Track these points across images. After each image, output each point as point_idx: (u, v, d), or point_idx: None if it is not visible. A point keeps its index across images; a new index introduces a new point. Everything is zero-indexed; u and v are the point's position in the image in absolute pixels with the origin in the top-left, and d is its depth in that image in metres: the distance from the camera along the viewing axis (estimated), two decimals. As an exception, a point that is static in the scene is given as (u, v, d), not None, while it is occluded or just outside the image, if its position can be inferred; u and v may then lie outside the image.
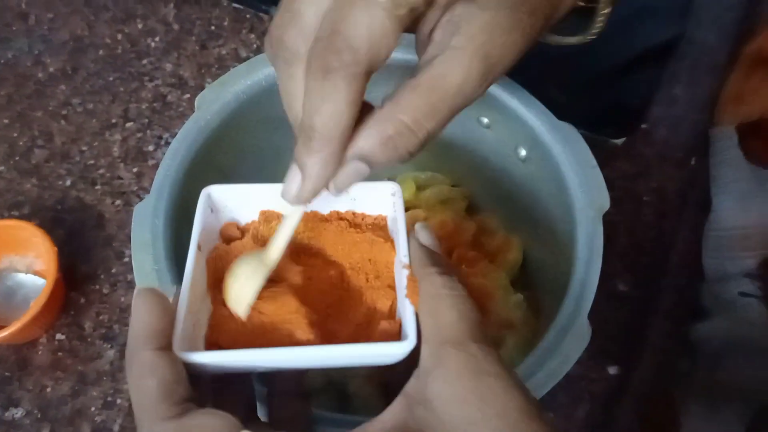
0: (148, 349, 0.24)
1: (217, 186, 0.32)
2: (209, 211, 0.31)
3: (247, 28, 0.66)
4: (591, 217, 0.37)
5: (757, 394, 0.46)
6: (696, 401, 0.48)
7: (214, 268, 0.30)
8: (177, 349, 0.25)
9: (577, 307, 0.35)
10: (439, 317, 0.26)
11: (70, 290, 0.53)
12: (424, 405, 0.24)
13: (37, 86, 0.63)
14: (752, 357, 0.46)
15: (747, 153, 0.50)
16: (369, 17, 0.24)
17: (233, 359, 0.26)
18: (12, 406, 0.48)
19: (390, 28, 0.24)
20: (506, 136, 0.43)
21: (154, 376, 0.24)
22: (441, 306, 0.26)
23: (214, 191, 0.31)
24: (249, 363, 0.27)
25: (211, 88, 0.42)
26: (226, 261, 0.31)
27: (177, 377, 0.24)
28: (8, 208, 0.56)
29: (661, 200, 0.56)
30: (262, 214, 0.33)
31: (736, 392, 0.47)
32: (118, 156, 0.59)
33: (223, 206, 0.32)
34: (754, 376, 0.45)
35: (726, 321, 0.48)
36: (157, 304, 0.25)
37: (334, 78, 0.24)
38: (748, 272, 0.47)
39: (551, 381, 0.33)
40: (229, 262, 0.30)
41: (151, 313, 0.25)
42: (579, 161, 0.39)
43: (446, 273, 0.27)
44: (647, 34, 0.57)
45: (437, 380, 0.24)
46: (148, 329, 0.25)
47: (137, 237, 0.37)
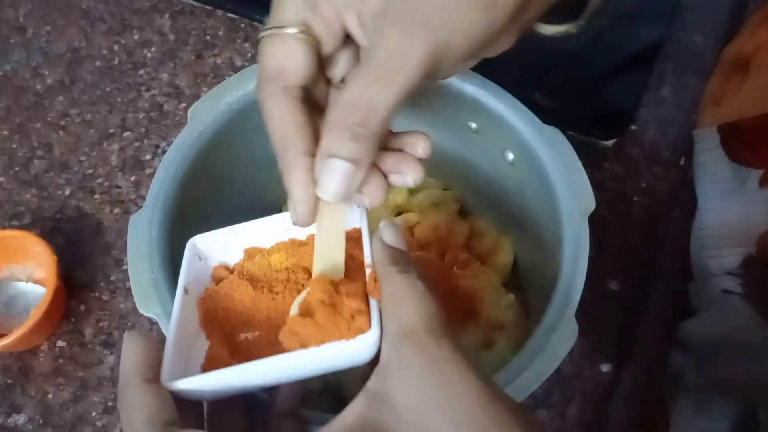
0: (136, 382, 0.26)
1: (201, 235, 0.34)
2: (197, 259, 0.33)
3: (242, 37, 0.67)
4: (577, 219, 0.38)
5: (742, 391, 0.46)
6: (685, 398, 0.49)
7: (206, 307, 0.32)
8: (165, 380, 0.27)
9: (564, 306, 0.36)
10: (398, 313, 0.26)
11: (70, 298, 0.53)
12: (384, 400, 0.25)
13: (36, 98, 0.64)
14: (737, 355, 0.46)
15: (728, 153, 0.51)
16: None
17: (214, 380, 0.28)
18: (15, 412, 0.49)
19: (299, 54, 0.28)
20: (494, 141, 0.44)
21: (141, 405, 0.25)
22: (399, 303, 0.26)
23: (199, 241, 0.33)
24: (225, 382, 0.28)
25: (204, 100, 0.43)
26: (216, 299, 0.33)
27: (161, 406, 0.26)
28: (8, 219, 0.57)
29: (651, 200, 0.57)
30: (246, 252, 0.34)
31: (722, 389, 0.47)
32: (116, 165, 0.60)
33: (211, 253, 0.34)
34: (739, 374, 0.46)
35: (711, 319, 0.48)
36: (143, 342, 0.28)
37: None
38: (730, 270, 0.47)
39: (540, 378, 0.34)
40: (219, 300, 0.33)
41: (137, 350, 0.27)
42: (564, 164, 0.40)
43: (405, 271, 0.27)
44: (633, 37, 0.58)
45: (395, 375, 0.25)
46: (135, 364, 0.27)
47: (133, 247, 0.38)
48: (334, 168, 0.27)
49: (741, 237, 0.48)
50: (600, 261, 0.54)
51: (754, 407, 0.46)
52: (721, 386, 0.46)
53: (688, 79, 0.63)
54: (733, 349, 0.46)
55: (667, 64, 0.64)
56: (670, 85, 0.63)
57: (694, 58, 0.64)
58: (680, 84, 0.63)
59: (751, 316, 0.45)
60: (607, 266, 0.54)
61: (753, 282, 0.46)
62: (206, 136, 0.42)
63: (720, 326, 0.47)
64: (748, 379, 0.44)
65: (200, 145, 0.41)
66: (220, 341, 0.31)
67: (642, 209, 0.57)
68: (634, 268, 0.54)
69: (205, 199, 0.43)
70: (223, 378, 0.28)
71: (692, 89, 0.62)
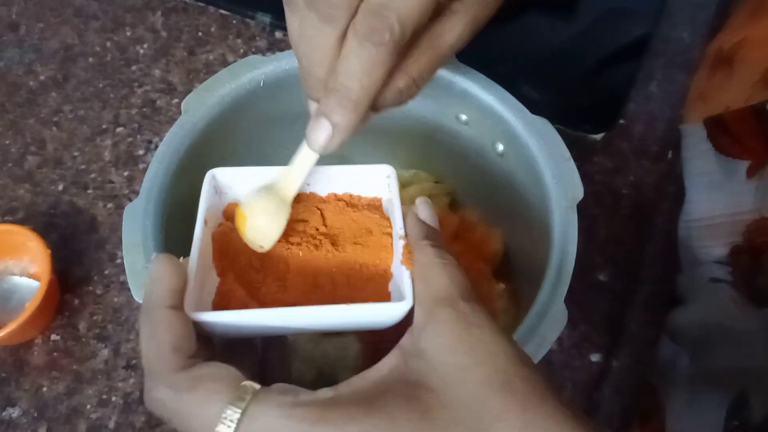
0: (164, 308, 0.26)
1: (221, 169, 0.34)
2: (214, 192, 0.33)
3: (234, 33, 0.67)
4: (565, 207, 0.39)
5: (735, 379, 0.47)
6: (678, 389, 0.50)
7: (219, 243, 0.32)
8: (188, 310, 0.27)
9: (553, 293, 0.36)
10: (431, 282, 0.28)
11: (65, 292, 0.54)
12: (418, 356, 0.25)
13: (29, 94, 0.64)
14: (728, 344, 0.47)
15: (715, 146, 0.52)
16: None
17: (236, 318, 0.28)
18: (9, 405, 0.50)
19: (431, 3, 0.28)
20: (484, 132, 0.45)
21: (169, 331, 0.26)
22: (433, 272, 0.28)
23: (218, 173, 0.33)
24: (252, 322, 0.28)
25: (197, 93, 0.43)
26: (230, 237, 0.32)
27: (188, 334, 0.26)
28: (2, 214, 0.58)
29: (638, 193, 0.58)
30: None
31: (715, 379, 0.48)
32: (110, 160, 0.60)
33: (228, 188, 0.34)
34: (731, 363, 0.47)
35: (701, 307, 0.49)
36: (173, 267, 0.27)
37: (382, 51, 0.27)
38: (718, 259, 0.48)
39: (529, 364, 0.34)
40: (233, 238, 0.32)
41: (167, 275, 0.27)
42: (553, 154, 0.41)
43: (438, 246, 0.29)
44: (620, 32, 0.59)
45: (429, 333, 0.26)
46: (164, 289, 0.27)
47: (128, 237, 0.38)
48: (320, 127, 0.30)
49: (729, 227, 0.49)
50: (589, 253, 0.55)
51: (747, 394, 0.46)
52: (713, 374, 0.47)
53: (675, 74, 0.64)
54: (723, 336, 0.46)
55: (656, 60, 0.65)
56: (657, 81, 0.64)
57: (682, 55, 0.65)
58: (668, 80, 0.64)
59: (740, 304, 0.46)
60: (596, 258, 0.55)
61: (741, 270, 0.47)
62: (199, 128, 0.42)
63: (710, 314, 0.48)
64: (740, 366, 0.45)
65: (193, 136, 0.42)
66: (233, 278, 0.31)
67: (630, 202, 0.58)
68: (623, 260, 0.55)
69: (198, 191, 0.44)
70: (251, 318, 0.28)
71: (680, 85, 0.63)
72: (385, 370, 0.26)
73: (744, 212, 0.48)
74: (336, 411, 0.24)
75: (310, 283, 0.32)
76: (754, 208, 0.47)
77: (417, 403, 0.24)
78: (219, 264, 0.32)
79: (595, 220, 0.57)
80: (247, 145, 0.48)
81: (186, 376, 0.25)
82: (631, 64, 0.62)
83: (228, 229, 0.33)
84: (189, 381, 0.25)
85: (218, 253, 0.32)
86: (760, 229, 0.46)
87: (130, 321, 0.53)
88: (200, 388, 0.24)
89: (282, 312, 0.28)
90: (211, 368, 0.25)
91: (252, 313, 0.28)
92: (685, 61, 0.64)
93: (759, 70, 0.49)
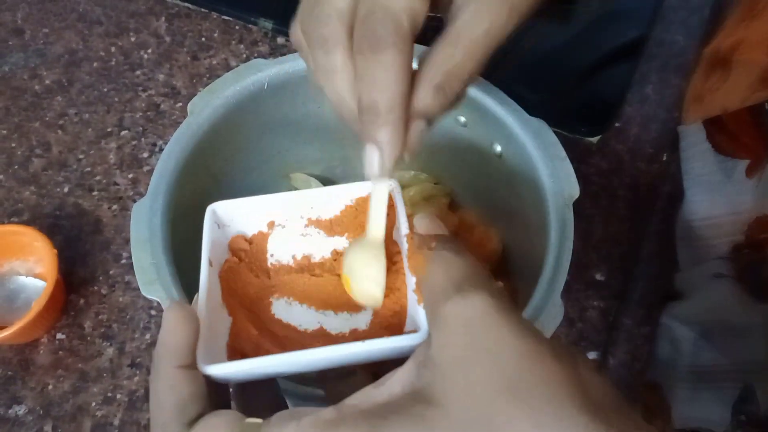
0: (172, 366, 0.25)
1: (221, 203, 0.32)
2: (216, 227, 0.32)
3: (237, 39, 0.68)
4: (561, 205, 0.40)
5: (739, 374, 0.47)
6: (680, 386, 0.50)
7: (226, 281, 0.31)
8: (200, 362, 0.26)
9: (550, 288, 0.37)
10: (430, 281, 0.26)
11: (70, 293, 0.55)
12: (428, 365, 0.24)
13: (34, 98, 0.65)
14: (732, 338, 0.47)
15: (714, 146, 0.53)
16: None
17: (251, 368, 0.27)
18: (15, 404, 0.50)
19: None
20: (482, 134, 0.46)
21: (174, 393, 0.25)
22: (430, 270, 0.27)
23: (218, 208, 0.32)
24: (267, 370, 0.27)
25: (202, 95, 0.44)
26: (237, 273, 0.32)
27: (195, 394, 0.25)
28: (8, 216, 0.58)
29: (634, 194, 0.59)
30: (268, 226, 0.34)
31: (719, 375, 0.48)
32: (114, 163, 0.61)
33: (229, 221, 0.33)
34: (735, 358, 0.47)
35: (702, 303, 0.50)
36: (185, 319, 0.26)
37: (385, 51, 0.27)
38: (720, 256, 0.49)
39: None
40: (240, 273, 0.32)
41: (178, 329, 0.26)
42: (549, 154, 0.42)
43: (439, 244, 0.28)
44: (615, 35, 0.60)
45: (435, 338, 0.24)
46: (174, 346, 0.26)
47: (136, 234, 0.39)
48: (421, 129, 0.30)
49: (729, 226, 0.50)
50: (585, 252, 0.56)
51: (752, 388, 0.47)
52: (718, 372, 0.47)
53: (670, 77, 0.65)
54: (728, 333, 0.47)
55: (651, 63, 0.66)
56: (653, 84, 0.65)
57: (676, 58, 0.66)
58: (663, 82, 0.65)
59: (743, 299, 0.46)
60: (592, 257, 0.56)
61: (743, 266, 0.48)
62: (204, 129, 0.43)
63: (711, 310, 0.48)
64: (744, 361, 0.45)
65: (199, 137, 0.43)
66: (244, 317, 0.30)
67: (626, 202, 0.59)
68: (619, 259, 0.56)
69: (203, 191, 0.45)
70: (266, 365, 0.27)
71: (674, 87, 0.64)
72: (397, 389, 0.24)
73: (744, 211, 0.49)
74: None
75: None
76: (754, 206, 0.48)
77: (422, 423, 0.22)
78: (229, 302, 0.31)
79: (592, 220, 0.58)
80: (251, 146, 0.49)
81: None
82: (626, 68, 0.63)
83: (234, 265, 0.32)
84: None
85: (227, 291, 0.31)
86: (761, 226, 0.47)
87: (134, 320, 0.54)
88: None
89: (297, 356, 0.26)
90: (210, 419, 0.24)
91: (266, 360, 0.27)
92: (680, 64, 0.66)
93: (755, 71, 0.50)
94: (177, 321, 0.26)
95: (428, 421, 0.22)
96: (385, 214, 0.31)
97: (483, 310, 0.24)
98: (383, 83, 0.27)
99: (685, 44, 0.67)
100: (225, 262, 0.32)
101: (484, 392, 0.22)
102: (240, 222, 0.33)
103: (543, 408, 0.21)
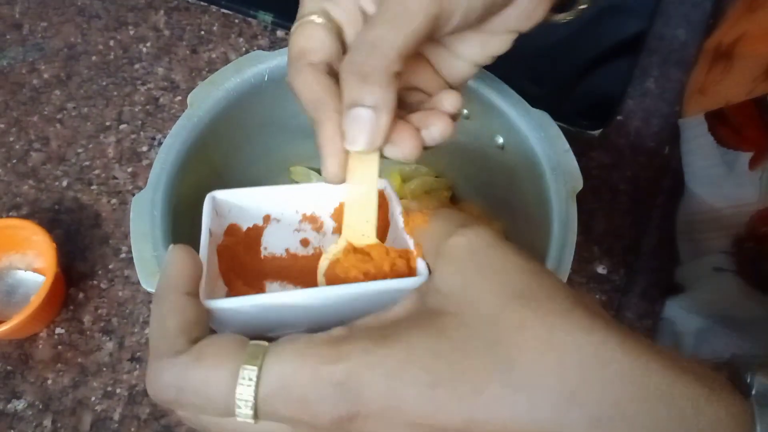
0: (178, 293, 0.25)
1: (221, 191, 0.33)
2: (215, 214, 0.32)
3: (236, 32, 0.68)
4: (565, 198, 0.40)
5: None
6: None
7: (224, 257, 0.32)
8: (202, 298, 0.26)
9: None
10: (431, 231, 0.27)
11: (69, 287, 0.54)
12: (434, 293, 0.25)
13: (32, 93, 0.65)
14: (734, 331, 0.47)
15: (716, 138, 0.53)
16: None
17: (254, 302, 0.26)
18: (15, 398, 0.50)
19: None
20: (484, 126, 0.46)
21: (179, 315, 0.25)
22: (431, 222, 0.28)
23: (218, 195, 0.33)
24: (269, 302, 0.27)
25: (202, 87, 0.44)
26: (234, 252, 0.32)
27: (199, 319, 0.25)
28: (6, 210, 0.58)
29: (635, 188, 0.59)
30: (265, 219, 0.34)
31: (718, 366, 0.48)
32: (113, 157, 0.61)
33: (227, 211, 0.33)
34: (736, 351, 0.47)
35: (703, 296, 0.50)
36: (190, 256, 0.27)
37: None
38: (721, 250, 0.49)
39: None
40: (237, 253, 0.32)
41: (184, 262, 0.26)
42: (552, 146, 0.41)
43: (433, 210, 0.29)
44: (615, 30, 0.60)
45: (440, 269, 0.25)
46: (179, 276, 0.26)
47: (136, 226, 0.39)
48: (357, 117, 0.28)
49: (731, 219, 0.49)
50: (587, 246, 0.56)
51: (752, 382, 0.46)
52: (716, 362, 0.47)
53: (671, 71, 0.65)
54: (727, 324, 0.47)
55: (652, 57, 0.66)
56: (654, 78, 0.65)
57: (677, 52, 0.66)
58: (664, 76, 0.65)
59: (745, 291, 0.46)
60: (594, 251, 0.56)
61: (745, 258, 0.48)
62: (205, 122, 0.43)
63: (713, 303, 0.48)
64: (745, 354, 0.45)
65: (199, 130, 0.43)
66: (242, 285, 0.30)
67: (627, 196, 0.59)
68: (621, 252, 0.56)
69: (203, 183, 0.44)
70: (269, 300, 0.27)
71: (675, 81, 0.64)
72: (401, 312, 0.25)
73: (747, 203, 0.49)
74: (350, 344, 0.23)
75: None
76: (757, 199, 0.48)
77: (433, 328, 0.23)
78: (226, 275, 0.31)
79: (594, 214, 0.57)
80: (251, 139, 0.48)
81: (190, 351, 0.24)
82: (627, 62, 0.63)
83: (232, 244, 0.32)
84: (195, 354, 0.24)
85: (224, 265, 0.31)
86: (764, 218, 0.47)
87: (134, 314, 0.53)
88: (208, 358, 0.23)
89: (303, 294, 0.26)
90: (214, 338, 0.24)
91: (270, 296, 0.27)
92: (681, 58, 0.65)
93: (760, 64, 0.50)
94: (182, 257, 0.26)
95: (440, 325, 0.23)
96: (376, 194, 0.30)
97: (485, 240, 0.25)
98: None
99: (686, 38, 0.67)
100: (222, 242, 0.32)
101: (495, 300, 0.23)
102: (237, 213, 0.33)
103: (551, 312, 0.22)
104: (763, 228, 0.46)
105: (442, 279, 0.25)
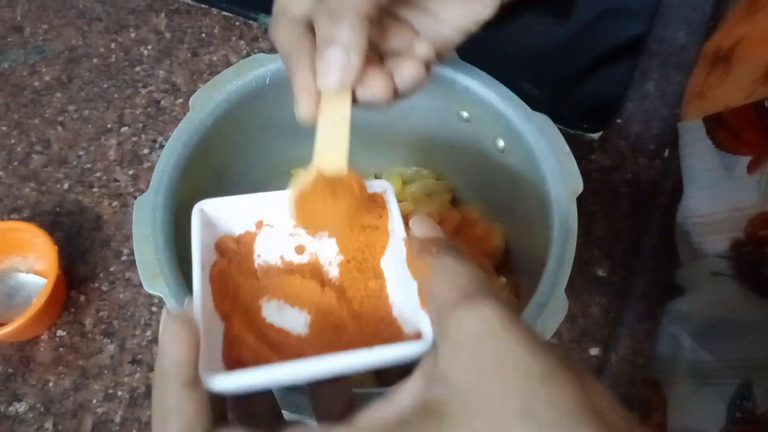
0: (177, 384, 0.24)
1: (208, 201, 0.32)
2: (204, 226, 0.31)
3: (237, 35, 0.68)
4: (565, 200, 0.40)
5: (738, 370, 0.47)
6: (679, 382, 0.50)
7: (217, 284, 0.31)
8: (203, 374, 0.25)
9: (554, 283, 0.37)
10: (435, 291, 0.26)
11: (71, 289, 0.54)
12: (439, 379, 0.23)
13: (34, 95, 0.65)
14: (731, 336, 0.47)
15: (715, 142, 0.53)
16: None
17: (257, 378, 0.26)
18: (16, 400, 0.50)
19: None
20: (485, 129, 0.46)
21: (178, 415, 0.24)
22: (434, 279, 0.26)
23: (206, 206, 0.32)
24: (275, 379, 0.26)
25: (204, 90, 0.44)
26: (226, 276, 0.31)
27: (197, 412, 0.24)
28: (8, 212, 0.58)
29: (635, 190, 0.59)
30: (257, 225, 0.33)
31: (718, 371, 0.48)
32: (114, 159, 0.61)
33: (217, 220, 0.32)
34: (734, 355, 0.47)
35: (702, 299, 0.50)
36: (186, 331, 0.25)
37: None
38: (719, 254, 0.49)
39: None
40: (229, 276, 0.31)
41: (178, 344, 0.25)
42: (553, 149, 0.41)
43: (438, 249, 0.27)
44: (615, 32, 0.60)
45: (445, 351, 0.24)
46: (177, 362, 0.25)
47: (138, 229, 0.38)
48: (328, 56, 0.29)
49: (730, 223, 0.49)
50: (587, 248, 0.56)
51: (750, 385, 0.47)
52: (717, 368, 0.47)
53: (671, 74, 0.65)
54: (728, 330, 0.47)
55: (652, 60, 0.66)
56: (654, 81, 0.65)
57: (677, 55, 0.66)
58: (664, 79, 0.65)
59: (742, 295, 0.46)
60: (594, 253, 0.56)
61: (744, 263, 0.48)
62: (207, 124, 0.43)
63: (711, 307, 0.48)
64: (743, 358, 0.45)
65: (201, 132, 0.43)
66: (236, 321, 0.29)
67: (628, 198, 0.59)
68: (621, 255, 0.56)
69: (205, 186, 0.44)
70: (272, 374, 0.26)
71: (675, 84, 0.64)
72: (406, 402, 0.24)
73: (745, 207, 0.49)
74: None
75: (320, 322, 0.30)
76: (756, 202, 0.48)
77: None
78: (220, 307, 0.30)
79: (594, 216, 0.58)
80: (253, 142, 0.48)
81: None
82: (627, 64, 0.63)
83: (224, 267, 0.31)
84: None
85: (218, 295, 0.30)
86: (763, 222, 0.47)
87: (135, 317, 0.53)
88: None
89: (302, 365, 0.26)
90: None
91: (270, 370, 0.26)
92: (681, 60, 0.66)
93: (759, 67, 0.50)
94: (178, 331, 0.25)
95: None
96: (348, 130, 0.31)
97: (491, 324, 0.23)
98: None
99: (686, 41, 0.67)
100: (214, 265, 0.31)
101: (498, 414, 0.21)
102: (228, 222, 0.32)
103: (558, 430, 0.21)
104: (762, 232, 0.46)
105: (451, 367, 0.23)
